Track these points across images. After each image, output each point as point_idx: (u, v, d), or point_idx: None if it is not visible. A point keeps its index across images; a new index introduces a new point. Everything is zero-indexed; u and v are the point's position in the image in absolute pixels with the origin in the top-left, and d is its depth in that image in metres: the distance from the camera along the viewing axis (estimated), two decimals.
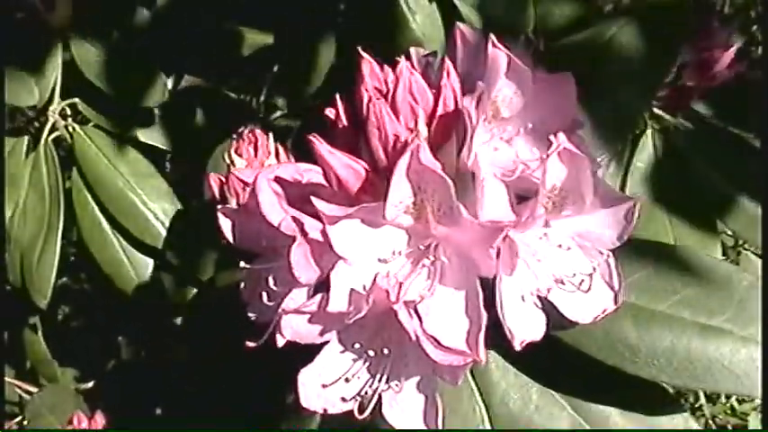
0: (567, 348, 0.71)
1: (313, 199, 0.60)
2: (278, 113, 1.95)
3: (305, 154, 1.06)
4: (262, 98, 2.02)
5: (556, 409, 0.74)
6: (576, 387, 0.75)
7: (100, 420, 1.54)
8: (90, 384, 1.88)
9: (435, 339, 0.60)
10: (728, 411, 2.89)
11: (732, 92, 1.28)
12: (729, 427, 2.83)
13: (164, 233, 1.51)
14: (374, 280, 0.59)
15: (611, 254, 0.67)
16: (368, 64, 0.66)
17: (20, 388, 1.81)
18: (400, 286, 0.58)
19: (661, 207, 1.21)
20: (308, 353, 0.66)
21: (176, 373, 1.47)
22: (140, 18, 1.57)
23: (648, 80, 0.80)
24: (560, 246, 0.65)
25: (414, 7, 1.37)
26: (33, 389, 1.80)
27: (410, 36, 1.36)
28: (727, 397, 2.83)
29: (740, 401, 2.88)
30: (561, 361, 0.73)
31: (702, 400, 2.77)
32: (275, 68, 1.90)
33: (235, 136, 1.50)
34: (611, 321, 0.69)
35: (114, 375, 1.89)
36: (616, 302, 0.67)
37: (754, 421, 2.75)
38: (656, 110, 1.27)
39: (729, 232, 1.38)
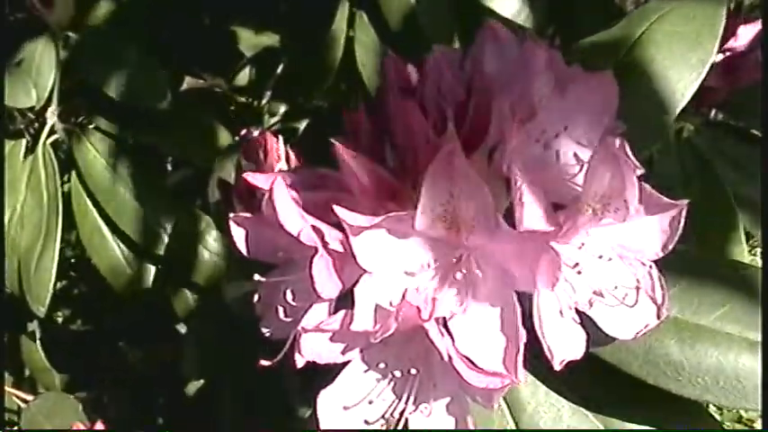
0: (601, 365, 0.67)
1: (335, 207, 0.55)
2: (281, 115, 1.92)
3: (311, 157, 1.03)
4: (265, 100, 1.98)
5: (588, 428, 0.70)
6: (610, 405, 0.71)
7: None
8: (89, 393, 1.83)
9: (469, 360, 0.56)
10: (736, 420, 2.86)
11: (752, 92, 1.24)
12: None
13: (166, 239, 1.47)
14: (403, 295, 0.55)
15: (654, 265, 0.62)
16: (393, 61, 0.61)
17: (17, 397, 1.76)
18: (433, 302, 0.54)
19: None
20: (321, 367, 0.62)
21: (179, 383, 1.43)
22: (141, 17, 1.53)
23: (696, 63, 0.76)
24: (601, 256, 0.61)
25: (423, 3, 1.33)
26: (30, 397, 1.75)
27: (418, 33, 1.32)
28: None
29: (747, 409, 2.85)
30: (594, 378, 0.68)
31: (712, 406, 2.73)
32: (279, 69, 1.87)
33: (242, 139, 1.47)
34: (652, 337, 0.65)
35: (115, 383, 1.84)
36: (659, 317, 0.62)
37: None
38: None
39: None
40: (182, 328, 1.58)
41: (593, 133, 0.59)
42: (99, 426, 1.52)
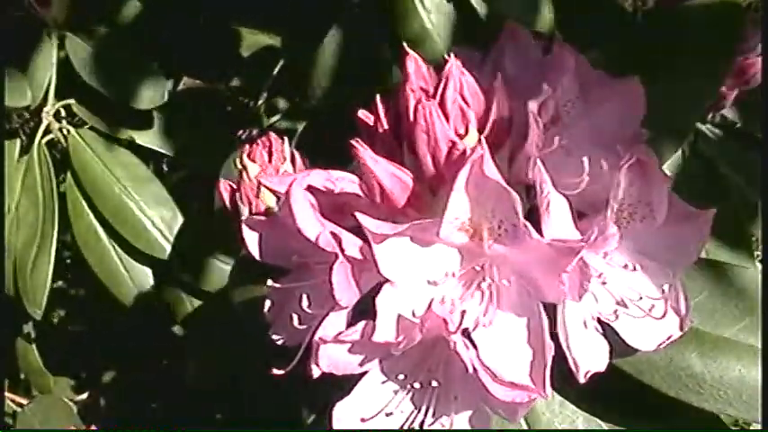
0: (617, 376, 0.66)
1: (357, 215, 0.53)
2: (279, 115, 1.90)
3: (310, 157, 1.00)
4: (262, 100, 1.96)
5: None
6: (626, 416, 0.70)
7: None
8: (85, 395, 1.81)
9: (493, 372, 0.54)
10: (733, 422, 2.85)
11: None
12: None
13: (162, 241, 1.44)
14: (429, 306, 0.53)
15: (677, 275, 0.61)
16: (413, 61, 0.59)
17: (12, 400, 1.74)
18: (462, 314, 0.52)
19: None
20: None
21: (178, 387, 1.41)
22: (138, 16, 1.50)
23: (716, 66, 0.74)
24: (625, 266, 0.59)
25: (429, 6, 1.31)
26: (25, 401, 1.73)
27: (424, 35, 1.30)
28: None
29: None
30: (610, 389, 0.67)
31: None
32: (276, 69, 1.85)
33: (243, 139, 1.44)
34: (673, 348, 0.63)
35: (111, 386, 1.82)
36: (682, 329, 0.61)
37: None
38: None
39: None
40: (179, 331, 1.56)
41: (619, 140, 0.57)
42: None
